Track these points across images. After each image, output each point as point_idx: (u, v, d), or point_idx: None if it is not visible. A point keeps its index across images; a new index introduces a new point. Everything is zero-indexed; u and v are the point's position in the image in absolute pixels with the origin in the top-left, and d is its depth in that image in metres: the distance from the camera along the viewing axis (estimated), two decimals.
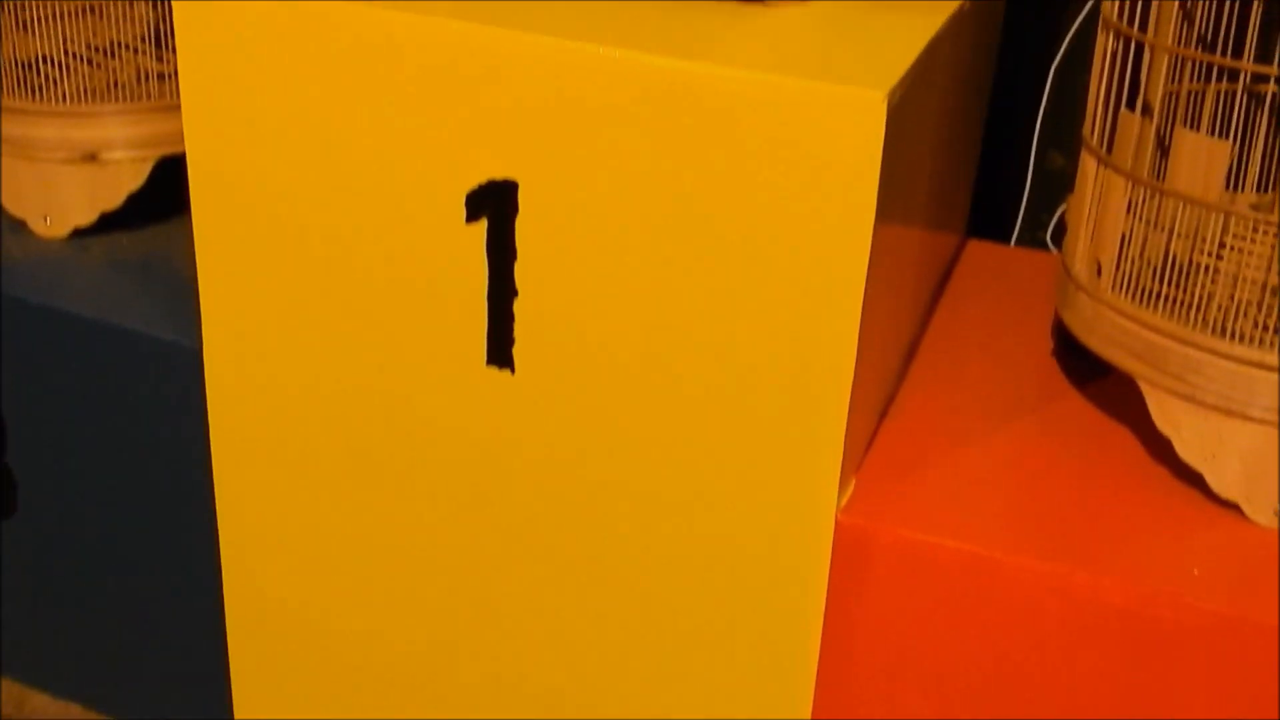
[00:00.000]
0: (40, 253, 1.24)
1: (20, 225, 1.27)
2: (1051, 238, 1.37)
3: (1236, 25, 0.98)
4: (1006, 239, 1.39)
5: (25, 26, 1.21)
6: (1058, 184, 1.35)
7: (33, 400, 1.20)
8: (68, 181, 1.23)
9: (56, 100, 1.21)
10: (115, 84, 1.21)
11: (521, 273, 0.91)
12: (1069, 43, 1.31)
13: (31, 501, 1.26)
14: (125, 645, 1.27)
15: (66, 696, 1.34)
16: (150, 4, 1.23)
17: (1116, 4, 0.92)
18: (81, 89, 1.21)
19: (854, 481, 0.92)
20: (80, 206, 1.24)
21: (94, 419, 1.18)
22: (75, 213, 1.24)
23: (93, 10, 1.22)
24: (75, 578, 1.26)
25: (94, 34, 1.23)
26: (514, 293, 0.92)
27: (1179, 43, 0.94)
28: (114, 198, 1.24)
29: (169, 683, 1.27)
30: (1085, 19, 1.29)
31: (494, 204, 0.90)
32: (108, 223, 1.25)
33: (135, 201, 1.25)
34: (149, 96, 1.22)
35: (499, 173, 0.89)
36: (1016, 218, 1.38)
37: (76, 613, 1.28)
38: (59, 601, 1.29)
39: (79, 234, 1.26)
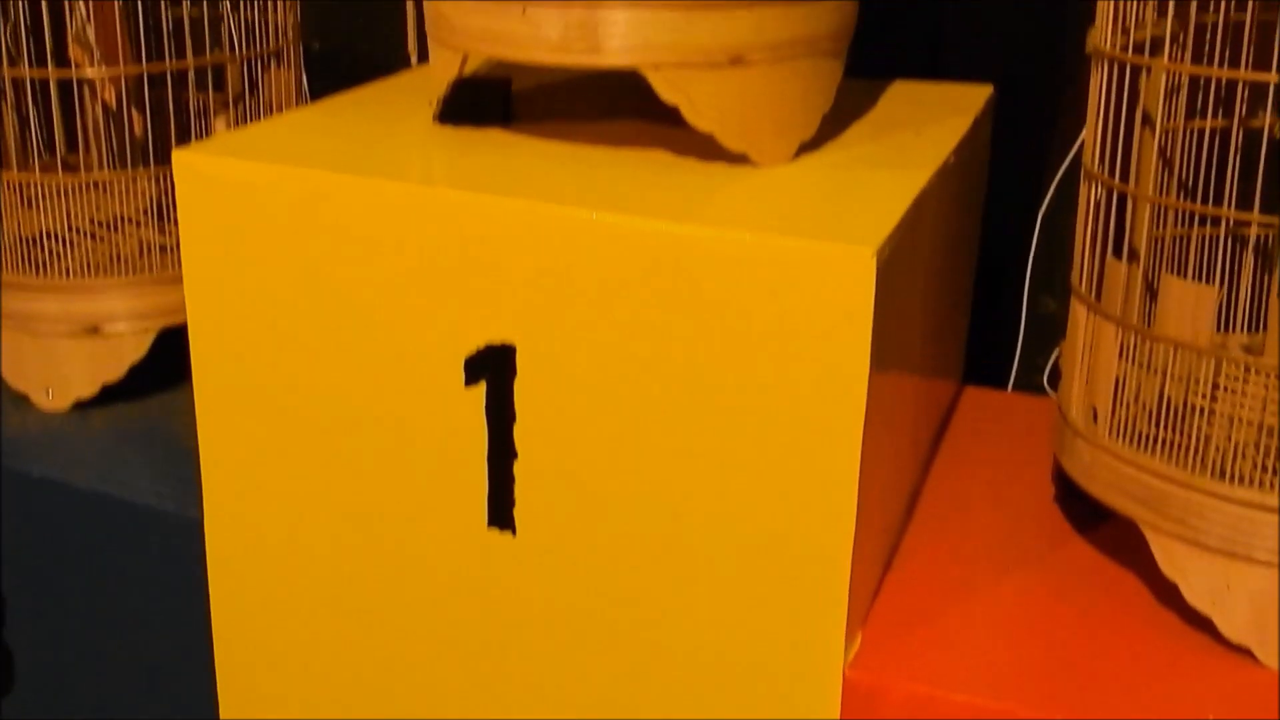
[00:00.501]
0: (42, 425, 1.24)
1: (22, 399, 1.27)
2: (1048, 381, 1.38)
3: (1216, 170, 1.00)
4: (1003, 384, 1.40)
5: (30, 203, 1.23)
6: (1051, 328, 1.36)
7: (33, 573, 1.20)
8: (70, 355, 1.24)
9: (59, 275, 1.22)
10: (118, 257, 1.23)
11: (521, 435, 0.91)
12: (1055, 189, 1.33)
13: (30, 675, 1.24)
14: None
15: None
16: (152, 178, 1.25)
17: (1097, 154, 0.94)
18: (84, 263, 1.23)
19: (860, 635, 0.91)
20: (82, 379, 1.25)
21: (94, 591, 1.17)
22: (77, 385, 1.25)
23: (97, 185, 1.25)
24: None
25: (97, 209, 1.25)
26: (514, 455, 0.92)
27: (1160, 191, 0.95)
28: (116, 369, 1.25)
29: None
30: (1069, 166, 1.31)
31: (492, 368, 0.91)
32: (109, 394, 1.26)
33: (137, 372, 1.26)
34: (151, 269, 1.24)
35: (497, 337, 0.90)
36: (1012, 363, 1.39)
37: None
38: None
39: (80, 405, 1.26)
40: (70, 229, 1.24)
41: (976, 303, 1.33)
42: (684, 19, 0.90)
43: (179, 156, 0.97)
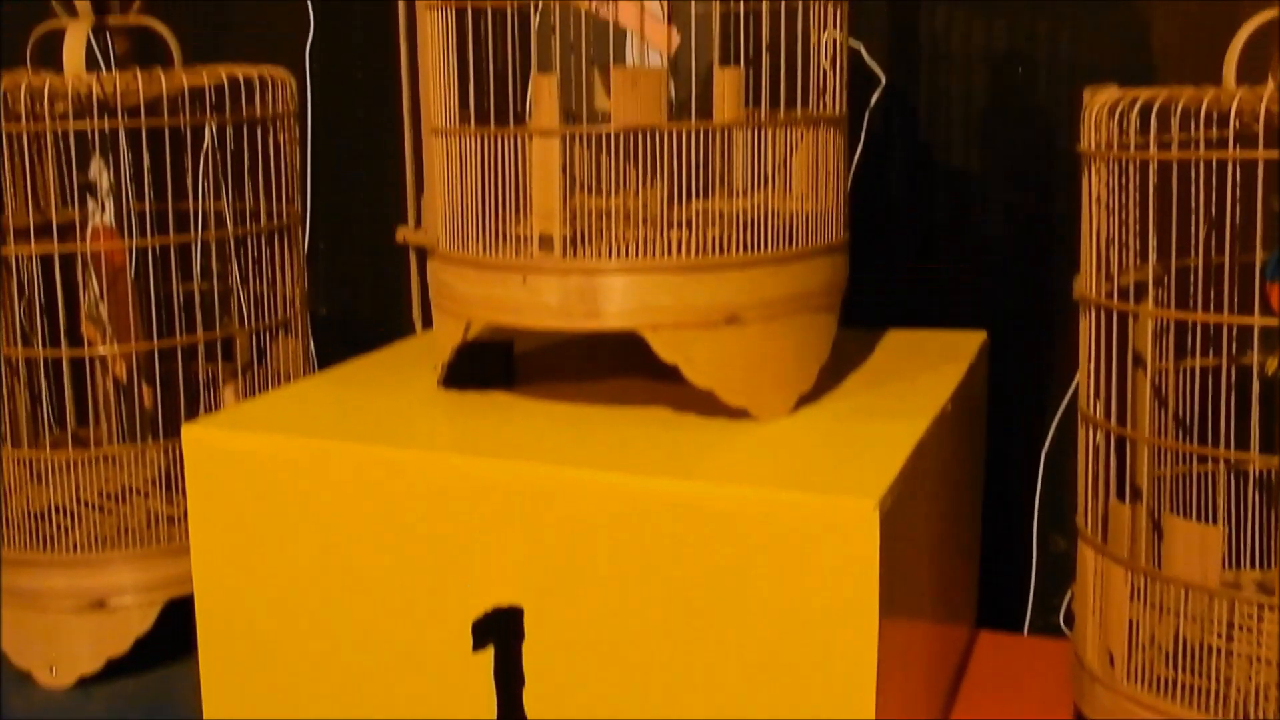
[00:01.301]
0: (44, 703, 1.22)
1: (24, 676, 1.26)
2: (1064, 621, 1.36)
3: (1212, 407, 1.01)
4: (1019, 626, 1.38)
5: (39, 478, 1.24)
6: (1063, 567, 1.35)
7: None
8: (74, 630, 1.23)
9: (66, 549, 1.22)
10: (125, 529, 1.23)
11: (531, 698, 0.90)
12: (1055, 428, 1.34)
13: None
14: None
15: None
16: (161, 450, 1.27)
17: (1092, 397, 0.95)
18: (92, 536, 1.23)
19: None
20: (87, 655, 1.23)
21: None
22: (81, 661, 1.24)
23: (106, 459, 1.26)
24: None
25: (106, 481, 1.26)
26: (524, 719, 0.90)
27: (1158, 431, 0.96)
28: (121, 644, 1.24)
29: None
30: (1068, 405, 1.33)
31: (500, 631, 0.90)
32: (113, 668, 1.24)
33: (141, 645, 1.24)
34: (158, 540, 1.24)
35: (504, 599, 0.89)
36: (1027, 604, 1.38)
37: None
38: None
39: (84, 681, 1.25)
40: (78, 502, 1.25)
41: (987, 545, 1.33)
42: (680, 282, 0.93)
43: (188, 431, 0.98)
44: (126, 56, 1.31)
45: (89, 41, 1.24)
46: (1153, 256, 0.90)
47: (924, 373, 1.09)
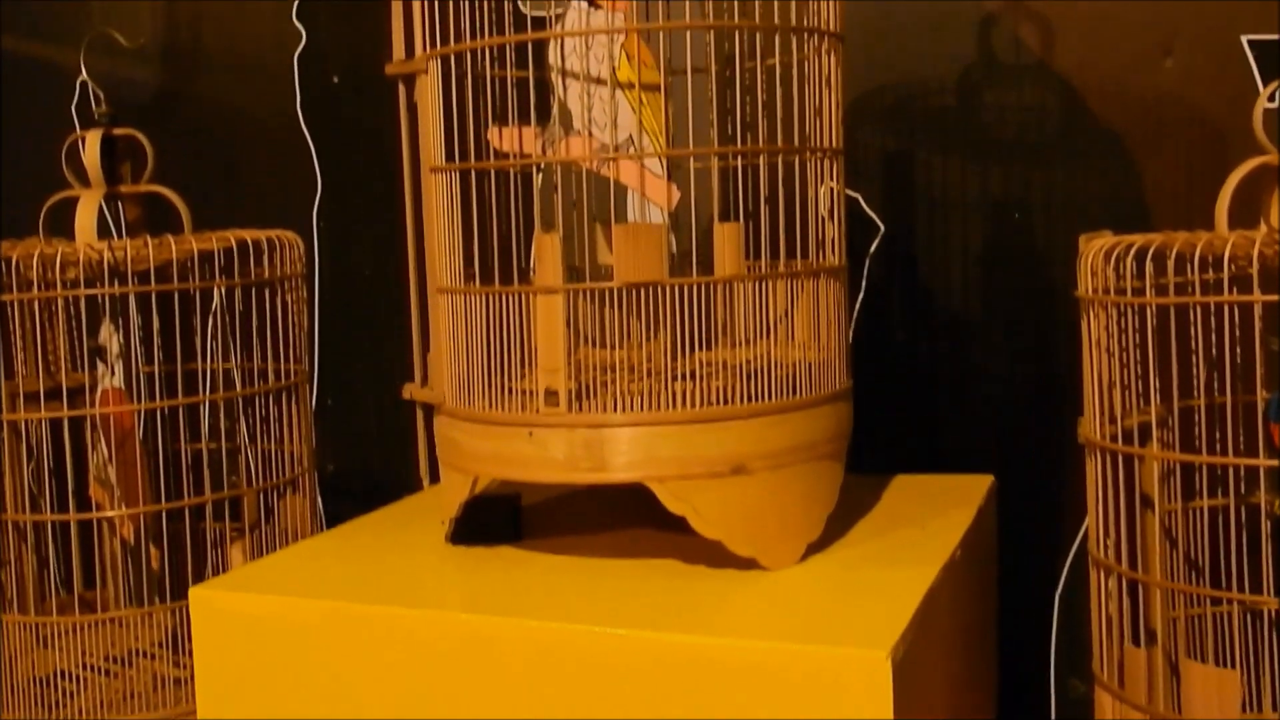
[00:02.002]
0: None
1: None
2: None
3: (1223, 546, 1.00)
4: None
5: (44, 642, 1.23)
6: (1082, 712, 1.33)
7: None
8: None
9: (72, 716, 1.21)
10: (131, 694, 1.22)
11: None
12: (1068, 570, 1.34)
13: None
14: None
15: None
16: (168, 610, 1.26)
17: (1101, 540, 0.95)
18: (98, 701, 1.22)
19: None
20: None
21: None
22: None
23: (113, 621, 1.25)
24: None
25: (112, 644, 1.25)
26: None
27: (1170, 573, 0.96)
28: None
29: None
30: (1079, 547, 1.32)
31: None
32: None
33: None
34: (165, 704, 1.22)
35: None
36: None
37: None
38: None
39: None
40: (84, 667, 1.23)
41: (1005, 690, 1.31)
42: (685, 433, 0.93)
43: (196, 593, 0.98)
44: (137, 222, 1.34)
45: (100, 208, 1.27)
46: (1155, 398, 0.91)
47: (932, 518, 1.08)
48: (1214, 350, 0.91)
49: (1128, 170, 1.28)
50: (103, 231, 1.25)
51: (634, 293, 0.94)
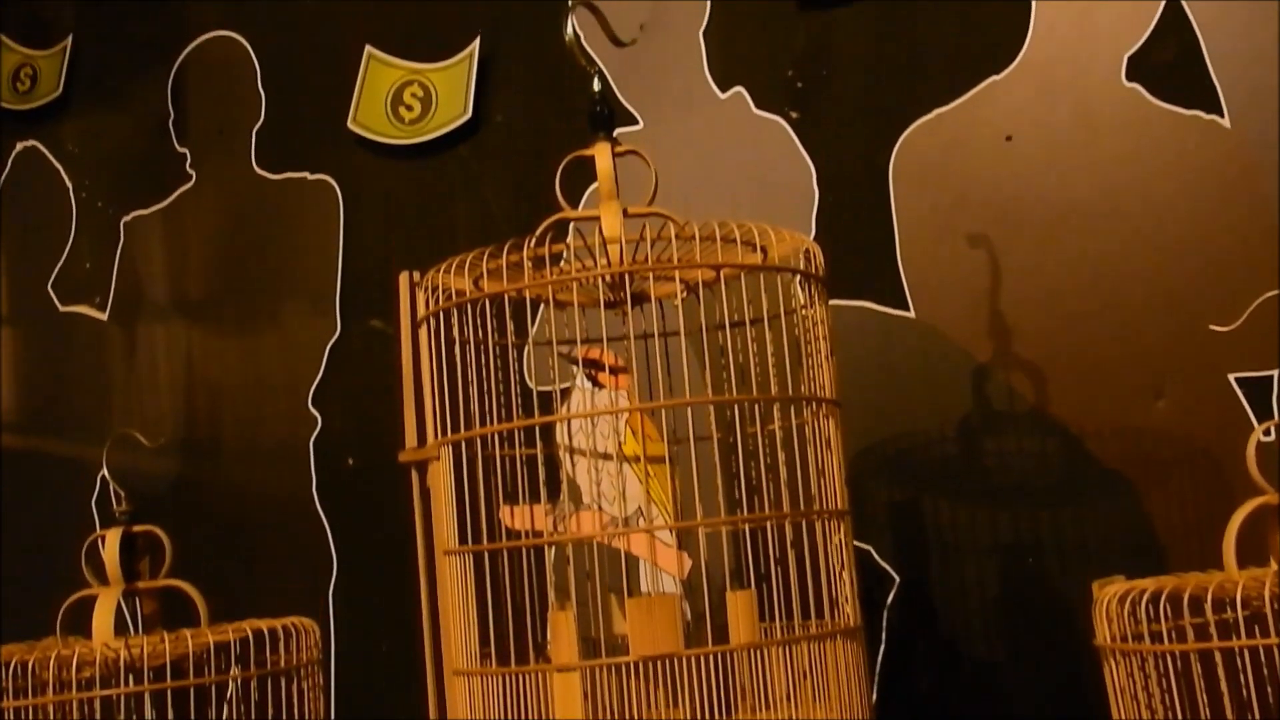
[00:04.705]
0: None
1: None
2: None
3: None
4: None
5: None
6: None
7: None
8: None
9: None
10: None
11: None
12: None
13: None
14: None
15: None
16: None
17: None
18: None
19: None
20: None
21: None
22: None
23: None
24: None
25: None
26: None
27: None
28: None
29: None
30: None
31: None
32: None
33: None
34: None
35: None
36: None
37: None
38: None
39: None
40: None
41: None
42: None
43: None
44: (154, 616, 1.34)
45: (118, 603, 1.27)
46: None
47: None
48: (1242, 689, 0.90)
49: (1134, 509, 1.29)
50: (119, 626, 1.25)
51: (651, 664, 0.94)
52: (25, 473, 1.88)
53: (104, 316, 1.86)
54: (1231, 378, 1.26)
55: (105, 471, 1.39)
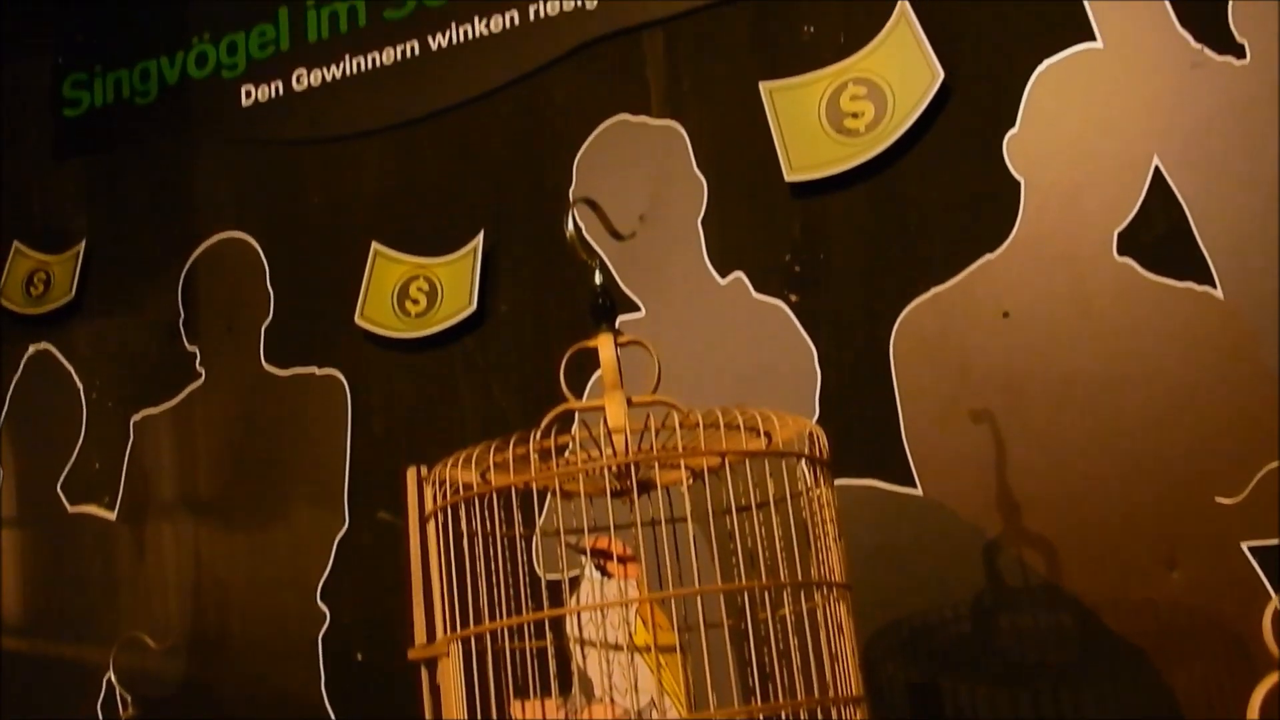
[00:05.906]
0: None
1: None
2: None
3: None
4: None
5: None
6: None
7: None
8: None
9: None
10: None
11: None
12: None
13: None
14: None
15: None
16: None
17: None
18: None
19: None
20: None
21: None
22: None
23: None
24: None
25: None
26: None
27: None
28: None
29: None
30: None
31: None
32: None
33: None
34: None
35: None
36: None
37: None
38: None
39: None
40: None
41: None
42: None
43: None
44: None
45: None
46: None
47: None
48: None
49: (1155, 684, 1.27)
50: None
51: None
52: (28, 676, 1.85)
53: (113, 516, 1.86)
54: (1244, 545, 1.25)
55: (112, 674, 1.37)
